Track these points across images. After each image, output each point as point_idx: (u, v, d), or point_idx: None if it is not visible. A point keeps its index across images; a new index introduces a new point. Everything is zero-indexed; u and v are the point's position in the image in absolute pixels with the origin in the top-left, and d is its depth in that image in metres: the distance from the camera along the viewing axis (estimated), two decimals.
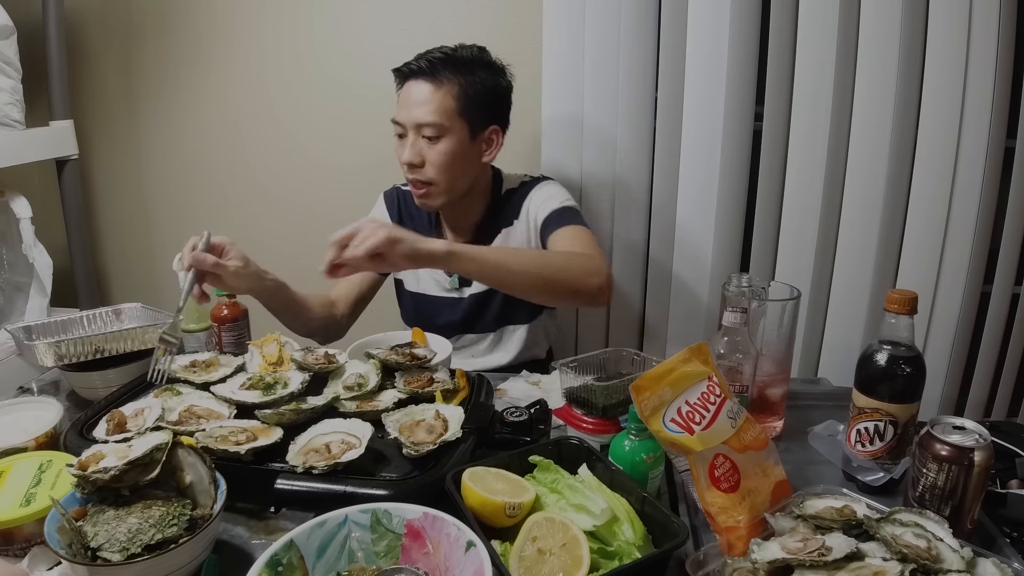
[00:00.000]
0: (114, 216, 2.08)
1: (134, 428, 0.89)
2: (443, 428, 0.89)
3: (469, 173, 1.30)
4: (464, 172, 1.28)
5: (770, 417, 1.04)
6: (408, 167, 1.26)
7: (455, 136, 1.24)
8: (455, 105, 1.23)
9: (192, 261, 1.05)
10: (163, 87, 1.91)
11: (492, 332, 1.44)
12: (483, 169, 1.35)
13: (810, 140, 1.53)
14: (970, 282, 1.55)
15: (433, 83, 1.22)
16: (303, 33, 1.79)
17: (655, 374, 0.77)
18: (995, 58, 1.41)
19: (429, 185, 1.27)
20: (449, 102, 1.22)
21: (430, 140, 1.23)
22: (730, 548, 0.72)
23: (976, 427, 0.77)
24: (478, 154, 1.30)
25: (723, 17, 1.49)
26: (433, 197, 1.29)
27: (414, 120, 1.23)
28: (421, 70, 1.23)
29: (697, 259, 1.66)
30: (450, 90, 1.22)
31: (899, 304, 0.86)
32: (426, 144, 1.24)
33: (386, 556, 0.70)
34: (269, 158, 1.91)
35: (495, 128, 1.31)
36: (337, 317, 1.40)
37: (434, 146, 1.24)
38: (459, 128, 1.24)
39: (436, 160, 1.24)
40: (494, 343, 1.45)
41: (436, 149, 1.24)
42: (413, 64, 1.25)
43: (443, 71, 1.22)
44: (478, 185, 1.36)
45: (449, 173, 1.26)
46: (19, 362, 1.23)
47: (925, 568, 0.62)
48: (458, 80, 1.23)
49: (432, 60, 1.23)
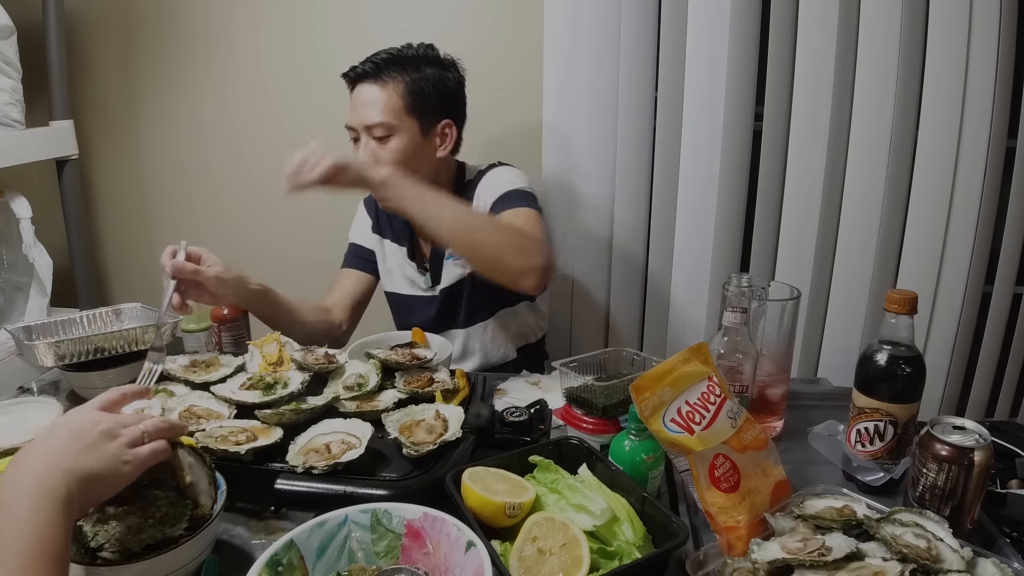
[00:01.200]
0: (114, 216, 2.08)
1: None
2: (443, 428, 0.89)
3: (424, 169, 1.28)
4: (418, 168, 1.25)
5: (770, 417, 1.04)
6: None
7: (405, 134, 1.25)
8: (402, 103, 1.23)
9: (172, 270, 1.04)
10: (163, 87, 1.91)
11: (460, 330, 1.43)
12: (442, 164, 1.35)
13: (810, 140, 1.53)
14: (971, 282, 1.55)
15: (378, 83, 1.23)
16: (302, 33, 1.79)
17: (655, 374, 0.77)
18: (995, 58, 1.41)
19: None
20: (395, 100, 1.23)
21: (380, 140, 1.24)
22: (730, 548, 0.72)
23: (976, 427, 0.77)
24: (432, 149, 1.30)
25: (723, 17, 1.49)
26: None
27: (363, 122, 1.24)
28: (367, 72, 1.24)
29: (697, 259, 1.66)
30: (395, 88, 1.23)
31: (899, 304, 0.86)
32: (377, 145, 1.24)
33: (386, 556, 0.70)
34: (268, 157, 1.91)
35: (447, 122, 1.30)
36: (335, 323, 1.39)
37: (385, 145, 1.24)
38: (408, 125, 1.25)
39: (388, 159, 1.24)
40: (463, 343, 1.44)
41: (387, 148, 1.24)
42: (359, 67, 1.26)
43: (387, 70, 1.23)
44: (438, 180, 1.33)
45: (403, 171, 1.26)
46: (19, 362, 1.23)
47: (925, 568, 0.62)
48: (403, 78, 1.24)
49: (376, 61, 1.24)
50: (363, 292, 1.47)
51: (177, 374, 1.04)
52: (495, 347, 1.44)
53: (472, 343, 1.44)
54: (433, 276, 1.41)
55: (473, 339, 1.43)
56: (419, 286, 1.43)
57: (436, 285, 1.41)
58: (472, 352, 1.44)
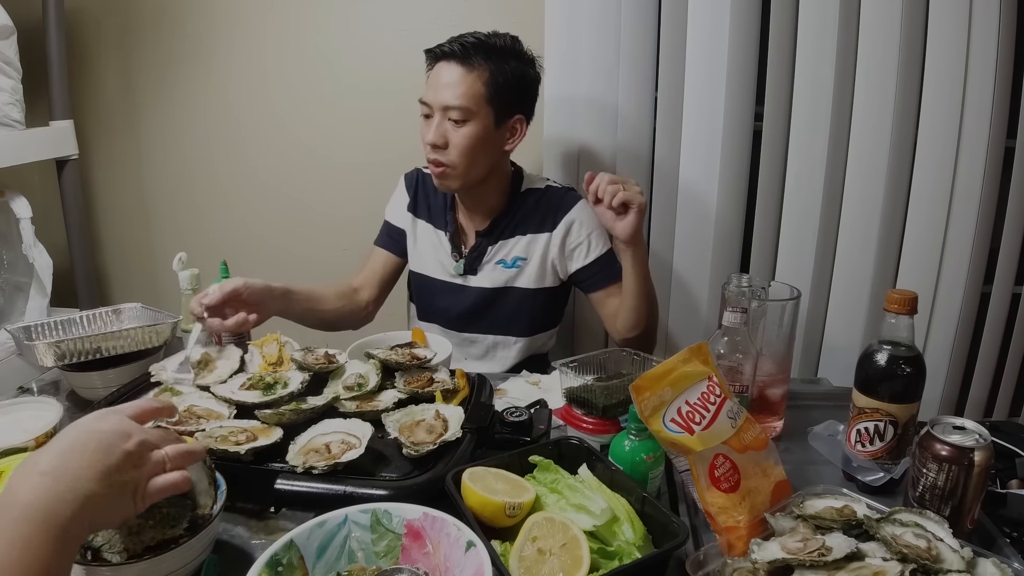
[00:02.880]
0: (114, 216, 2.08)
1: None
2: (443, 428, 0.89)
3: (489, 160, 1.30)
4: (485, 158, 1.29)
5: (770, 417, 1.04)
6: (431, 147, 1.27)
7: (481, 122, 1.24)
8: (484, 91, 1.23)
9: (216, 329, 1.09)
10: (163, 87, 1.91)
11: (489, 335, 1.43)
12: (503, 159, 1.36)
13: (810, 140, 1.53)
14: (970, 282, 1.55)
15: (464, 67, 1.23)
16: (303, 33, 1.79)
17: (655, 374, 0.77)
18: (995, 58, 1.41)
19: (448, 167, 1.28)
20: (478, 87, 1.23)
21: (456, 123, 1.24)
22: (730, 548, 0.72)
23: (976, 427, 0.77)
24: (501, 142, 1.31)
25: (723, 17, 1.49)
26: (450, 179, 1.29)
27: (442, 102, 1.23)
28: (453, 52, 1.24)
29: (697, 259, 1.66)
30: (480, 75, 1.23)
31: (899, 304, 0.86)
32: (451, 126, 1.25)
33: (386, 556, 0.70)
34: (269, 156, 1.91)
35: (520, 117, 1.31)
36: (362, 304, 1.44)
37: (459, 129, 1.24)
38: (485, 114, 1.25)
39: (459, 143, 1.25)
40: (487, 350, 1.45)
41: (460, 132, 1.24)
42: (446, 46, 1.25)
43: (475, 56, 1.23)
44: (497, 175, 1.36)
45: (470, 157, 1.26)
46: (19, 362, 1.23)
47: (925, 568, 0.62)
48: (489, 66, 1.23)
49: (465, 44, 1.24)
50: (391, 272, 1.49)
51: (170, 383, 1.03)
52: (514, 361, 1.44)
53: (497, 351, 1.44)
54: (467, 265, 1.40)
55: (500, 348, 1.44)
56: (448, 271, 1.42)
57: (467, 275, 1.41)
58: (492, 359, 1.44)
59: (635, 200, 1.15)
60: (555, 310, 1.49)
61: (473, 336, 1.44)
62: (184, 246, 1.36)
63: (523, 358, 1.45)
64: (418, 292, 1.49)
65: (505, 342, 1.43)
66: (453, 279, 1.42)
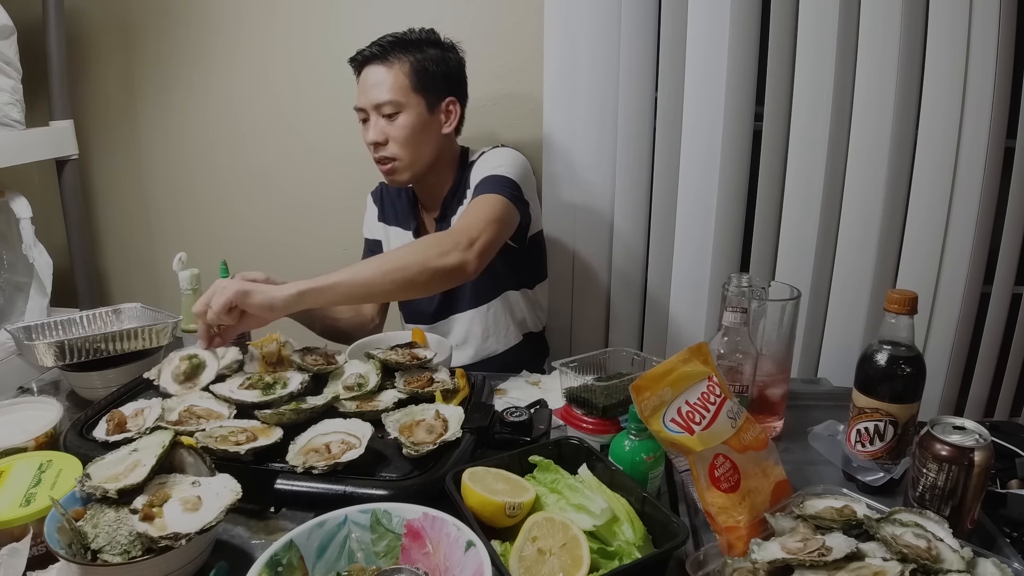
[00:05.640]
0: (114, 216, 2.08)
1: (134, 428, 0.89)
2: (443, 428, 0.89)
3: (431, 145, 1.35)
4: (426, 144, 1.34)
5: (770, 417, 1.04)
6: (373, 146, 1.33)
7: (413, 110, 1.31)
8: (408, 82, 1.30)
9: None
10: (163, 87, 1.91)
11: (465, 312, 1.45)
12: (447, 142, 1.40)
13: (810, 140, 1.53)
14: (970, 282, 1.55)
15: (385, 64, 1.30)
16: (303, 32, 1.79)
17: (655, 374, 0.77)
18: (995, 58, 1.41)
19: (393, 160, 1.33)
20: (402, 79, 1.30)
21: (389, 118, 1.30)
22: (730, 548, 0.72)
23: (976, 427, 0.77)
24: (437, 126, 1.36)
25: (723, 17, 1.49)
26: (399, 172, 1.35)
27: (372, 101, 1.30)
28: (374, 55, 1.31)
29: (697, 259, 1.66)
30: (402, 68, 1.30)
31: (899, 304, 0.86)
32: (386, 122, 1.31)
33: (386, 556, 0.70)
34: (270, 156, 1.91)
35: (451, 99, 1.36)
36: (368, 318, 1.49)
37: (394, 122, 1.30)
38: (415, 102, 1.31)
39: (398, 135, 1.31)
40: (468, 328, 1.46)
41: (396, 124, 1.30)
42: (366, 51, 1.32)
43: (393, 52, 1.30)
44: (444, 159, 1.40)
45: (411, 146, 1.32)
46: (19, 362, 1.23)
47: (925, 568, 0.62)
48: (408, 58, 1.30)
49: (382, 44, 1.31)
50: None
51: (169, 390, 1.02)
52: (498, 330, 1.46)
53: (475, 326, 1.46)
54: None
55: (476, 322, 1.45)
56: None
57: None
58: (475, 335, 1.46)
59: (220, 297, 0.98)
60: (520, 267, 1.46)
61: (452, 318, 1.46)
62: (184, 246, 1.36)
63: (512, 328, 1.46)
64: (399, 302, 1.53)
65: (479, 314, 1.44)
66: None
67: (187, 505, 0.70)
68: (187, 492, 0.72)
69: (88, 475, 0.73)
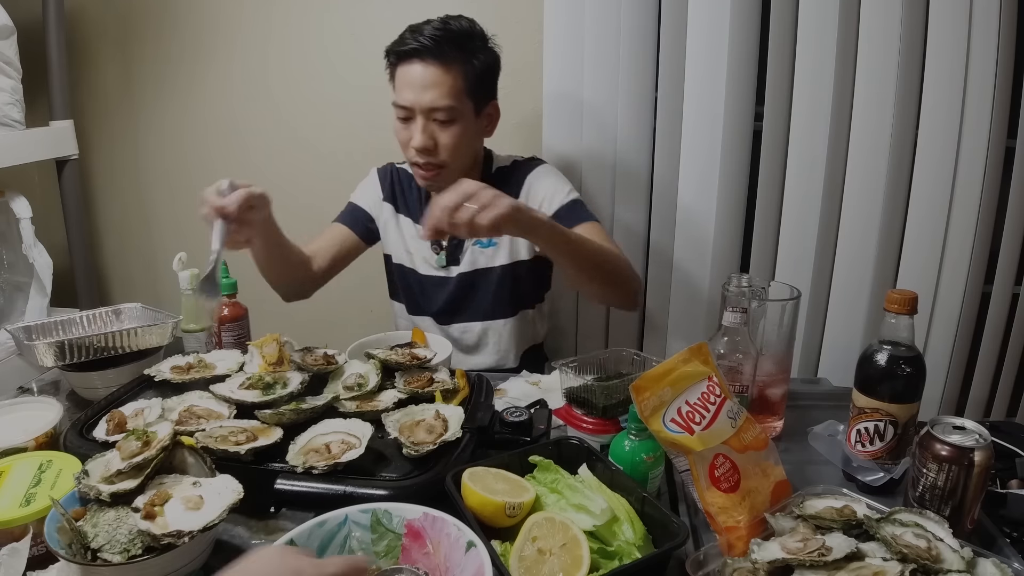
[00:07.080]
0: (114, 216, 2.08)
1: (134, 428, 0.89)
2: (443, 428, 0.89)
3: (474, 150, 1.29)
4: (471, 149, 1.27)
5: (770, 417, 1.04)
6: (419, 151, 1.21)
7: (466, 117, 1.21)
8: (463, 85, 1.19)
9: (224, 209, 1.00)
10: (163, 87, 1.91)
11: (477, 323, 1.42)
12: (482, 145, 1.36)
13: (810, 140, 1.53)
14: (970, 282, 1.55)
15: (442, 65, 1.17)
16: (303, 32, 1.79)
17: (655, 374, 0.78)
18: (995, 58, 1.41)
19: (441, 168, 1.23)
20: (460, 83, 1.18)
21: (442, 124, 1.19)
22: (730, 548, 0.72)
23: (976, 427, 0.77)
24: (482, 131, 1.30)
25: (723, 17, 1.49)
26: (443, 179, 1.22)
27: (425, 104, 1.17)
28: (427, 49, 1.16)
29: (697, 259, 1.66)
30: (459, 70, 1.18)
31: (899, 304, 0.86)
32: (437, 127, 1.20)
33: (386, 556, 0.70)
34: (269, 156, 1.91)
35: (494, 102, 1.29)
36: (314, 272, 1.36)
37: (447, 129, 1.20)
38: (468, 108, 1.21)
39: (450, 143, 1.20)
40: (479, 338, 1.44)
41: (450, 132, 1.20)
42: (414, 43, 1.17)
43: (450, 50, 1.17)
44: (473, 161, 1.34)
45: (461, 155, 1.24)
46: (19, 362, 1.23)
47: (925, 568, 0.62)
48: (463, 58, 1.19)
49: (436, 38, 1.17)
50: (347, 251, 1.42)
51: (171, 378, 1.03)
52: (508, 347, 1.44)
53: (488, 337, 1.43)
54: (448, 256, 1.39)
55: (490, 334, 1.43)
56: (432, 265, 1.41)
57: (451, 266, 1.40)
58: (486, 346, 1.44)
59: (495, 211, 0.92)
60: (537, 283, 1.47)
61: (463, 326, 1.43)
62: (184, 246, 1.36)
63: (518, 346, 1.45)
64: (406, 291, 1.48)
65: (494, 327, 1.43)
66: (437, 272, 1.42)
67: (189, 504, 0.70)
68: (188, 492, 0.72)
69: (86, 472, 0.73)
